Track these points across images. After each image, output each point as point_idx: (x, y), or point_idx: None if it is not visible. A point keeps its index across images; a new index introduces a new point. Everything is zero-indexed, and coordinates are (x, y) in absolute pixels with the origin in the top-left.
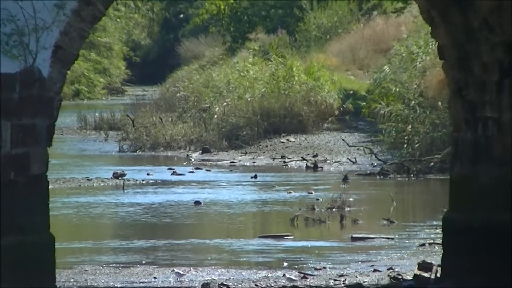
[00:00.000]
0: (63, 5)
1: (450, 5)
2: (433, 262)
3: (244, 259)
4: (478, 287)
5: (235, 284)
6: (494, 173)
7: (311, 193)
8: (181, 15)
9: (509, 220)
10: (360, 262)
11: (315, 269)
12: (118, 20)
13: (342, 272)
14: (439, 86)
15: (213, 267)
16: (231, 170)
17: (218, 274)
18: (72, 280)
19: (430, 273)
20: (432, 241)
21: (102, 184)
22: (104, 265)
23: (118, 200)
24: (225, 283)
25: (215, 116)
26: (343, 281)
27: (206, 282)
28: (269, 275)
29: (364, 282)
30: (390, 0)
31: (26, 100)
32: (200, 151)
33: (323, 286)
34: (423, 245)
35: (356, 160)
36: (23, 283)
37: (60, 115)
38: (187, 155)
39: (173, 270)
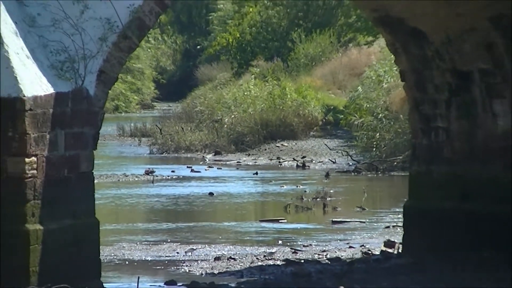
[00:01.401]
0: (105, 38)
1: (410, 40)
2: (396, 241)
3: (247, 238)
4: (431, 261)
5: (240, 257)
6: (444, 170)
7: (298, 186)
8: (198, 46)
9: (456, 207)
10: (338, 241)
11: (303, 246)
12: (148, 50)
13: (325, 248)
14: (401, 103)
15: (223, 244)
16: (237, 168)
17: (227, 250)
18: (112, 254)
19: (393, 249)
20: (395, 224)
21: (136, 179)
22: (137, 243)
23: (148, 192)
24: (232, 257)
25: (225, 126)
26: (325, 255)
27: (217, 256)
28: (267, 250)
29: (341, 256)
30: (362, 34)
31: (76, 113)
32: (213, 153)
33: (309, 259)
34: (388, 227)
35: (335, 161)
36: (75, 257)
37: (103, 124)
38: (203, 156)
39: (191, 248)
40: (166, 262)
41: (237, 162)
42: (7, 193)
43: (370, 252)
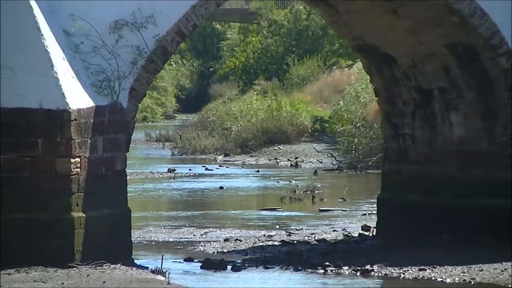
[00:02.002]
0: (135, 62)
1: (382, 63)
2: (371, 226)
3: (250, 223)
4: (399, 243)
5: (245, 239)
6: (410, 169)
7: (291, 182)
8: (211, 69)
9: (420, 199)
10: (324, 225)
11: (296, 229)
12: (171, 71)
13: (313, 232)
14: (375, 114)
15: (231, 228)
16: (242, 167)
17: (234, 233)
18: (141, 237)
19: (369, 232)
20: (370, 212)
21: (160, 176)
22: (161, 227)
23: (170, 186)
24: (238, 238)
25: (232, 133)
26: (314, 237)
27: (226, 238)
28: (267, 233)
29: (327, 238)
30: (344, 59)
31: (112, 122)
32: (223, 155)
33: (301, 240)
34: (365, 214)
35: (322, 161)
36: (111, 239)
37: (134, 132)
38: (214, 157)
39: (205, 231)
40: (185, 242)
41: (242, 162)
42: (56, 187)
43: (350, 234)
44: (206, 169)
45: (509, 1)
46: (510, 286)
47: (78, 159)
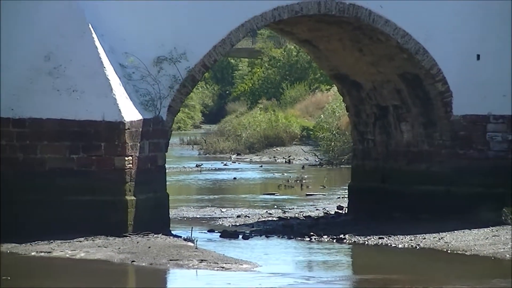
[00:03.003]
0: (172, 87)
1: (352, 87)
2: (343, 206)
3: (256, 204)
4: (363, 218)
5: (252, 216)
6: (372, 164)
7: (284, 174)
8: (227, 92)
9: (379, 186)
10: (310, 206)
11: (289, 209)
12: (198, 93)
13: (302, 210)
14: (346, 124)
15: (241, 208)
16: (250, 163)
17: (244, 211)
18: (176, 214)
19: (342, 211)
20: (343, 196)
21: (190, 169)
22: (191, 207)
23: (197, 177)
24: (247, 215)
25: (243, 138)
26: (302, 214)
27: (238, 215)
28: (267, 213)
29: (311, 215)
30: (323, 84)
31: (155, 131)
32: (236, 154)
33: (292, 216)
34: (339, 198)
35: (308, 159)
36: (154, 216)
37: (171, 137)
38: (230, 156)
39: (222, 210)
40: (208, 218)
41: (250, 159)
42: (115, 178)
43: (328, 212)
44: (224, 164)
45: (446, 41)
46: (444, 249)
47: (130, 157)
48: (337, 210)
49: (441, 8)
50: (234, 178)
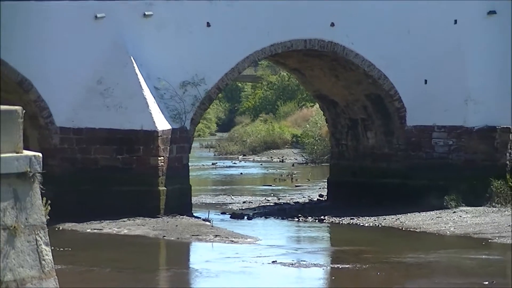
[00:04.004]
0: (194, 104)
1: (330, 105)
2: (324, 194)
3: (257, 193)
4: (339, 204)
5: (254, 202)
6: (345, 163)
7: (278, 170)
8: (235, 107)
9: (351, 180)
10: (298, 194)
11: (282, 196)
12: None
13: (292, 198)
14: (326, 133)
15: (246, 195)
16: (253, 162)
17: (248, 198)
18: (197, 200)
19: (323, 198)
20: (324, 186)
21: (207, 167)
22: (208, 195)
23: (213, 172)
24: (250, 201)
25: (247, 143)
26: (292, 201)
27: (244, 201)
28: (266, 200)
29: (299, 201)
30: (309, 102)
31: (181, 137)
32: (242, 155)
33: (285, 202)
34: (320, 188)
35: (297, 159)
36: (181, 201)
37: (193, 142)
38: (238, 157)
39: (232, 197)
40: (221, 204)
41: (253, 159)
42: (150, 173)
43: (312, 199)
44: (233, 163)
45: (401, 70)
46: (400, 227)
47: (162, 157)
48: (318, 198)
49: (397, 44)
50: (241, 173)
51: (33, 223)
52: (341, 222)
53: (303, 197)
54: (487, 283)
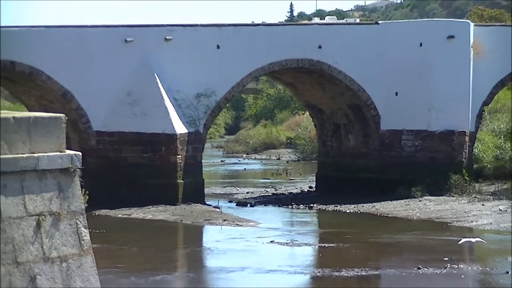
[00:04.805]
0: (206, 112)
1: (318, 112)
2: (313, 186)
3: (258, 184)
4: (325, 194)
5: (256, 192)
6: (330, 161)
7: (275, 166)
8: (240, 115)
9: (334, 174)
10: (292, 186)
11: (279, 187)
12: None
13: (287, 189)
14: (315, 135)
15: (249, 187)
16: (254, 160)
17: (251, 189)
18: (208, 191)
19: (312, 189)
20: (313, 180)
21: (217, 163)
22: (218, 186)
23: (221, 168)
24: (252, 192)
25: (250, 144)
26: (287, 191)
27: (247, 191)
28: (265, 190)
29: (293, 191)
30: (300, 110)
31: (195, 139)
32: (246, 154)
33: (281, 193)
34: (310, 181)
35: (290, 157)
36: (195, 191)
37: (205, 143)
38: (242, 155)
39: (237, 188)
40: (228, 194)
41: (255, 157)
42: (171, 169)
43: (303, 190)
44: (238, 160)
45: (376, 84)
46: (375, 213)
47: (180, 156)
48: (308, 189)
49: (373, 63)
50: (244, 169)
51: (74, 210)
52: (327, 209)
53: (296, 188)
54: (446, 259)
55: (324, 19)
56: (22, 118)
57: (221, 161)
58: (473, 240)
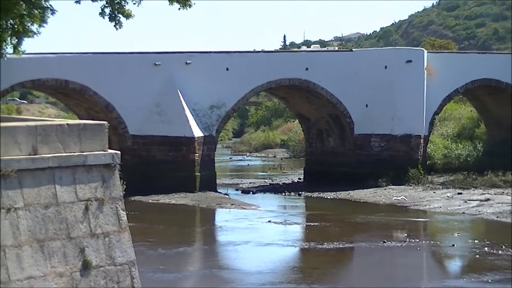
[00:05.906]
0: (218, 119)
1: (305, 120)
2: (301, 178)
3: (258, 176)
4: (312, 185)
5: (257, 182)
6: (315, 158)
7: (271, 162)
8: (245, 122)
9: (319, 168)
10: (285, 178)
11: (275, 179)
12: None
13: (281, 180)
14: (303, 138)
15: (251, 178)
16: (256, 157)
17: (253, 180)
18: (219, 182)
19: (301, 180)
20: (301, 173)
21: (226, 160)
22: (226, 178)
23: (229, 163)
24: (253, 182)
25: (252, 145)
26: (281, 182)
27: (250, 182)
28: (264, 181)
29: (285, 182)
30: (291, 118)
31: (209, 141)
32: (249, 153)
33: (277, 183)
34: (300, 174)
35: (284, 155)
36: (209, 182)
37: (217, 145)
38: (246, 154)
39: (241, 180)
40: (235, 184)
41: (256, 155)
42: (190, 164)
43: (294, 181)
44: (243, 158)
45: (350, 96)
46: (350, 199)
47: (198, 154)
48: (298, 180)
49: (349, 82)
50: (248, 164)
51: (114, 196)
52: (312, 195)
53: (288, 179)
54: (406, 235)
55: (310, 47)
56: (74, 125)
57: (229, 158)
58: (399, 198)
